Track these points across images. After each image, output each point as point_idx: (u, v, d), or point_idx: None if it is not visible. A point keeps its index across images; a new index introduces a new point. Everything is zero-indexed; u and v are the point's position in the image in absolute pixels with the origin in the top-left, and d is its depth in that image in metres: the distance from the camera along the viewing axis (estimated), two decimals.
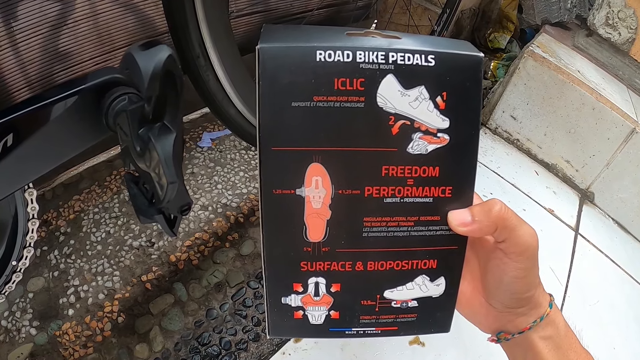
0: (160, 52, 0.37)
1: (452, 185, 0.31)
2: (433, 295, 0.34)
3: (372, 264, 0.33)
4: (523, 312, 0.35)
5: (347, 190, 0.30)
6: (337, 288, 0.33)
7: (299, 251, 0.31)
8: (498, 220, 0.31)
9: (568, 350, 0.35)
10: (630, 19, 1.41)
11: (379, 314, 0.34)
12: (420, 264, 0.33)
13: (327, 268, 0.32)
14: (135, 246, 0.90)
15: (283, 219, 0.30)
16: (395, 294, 0.34)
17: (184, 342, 0.79)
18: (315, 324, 0.34)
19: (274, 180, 0.29)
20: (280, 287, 0.33)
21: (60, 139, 0.47)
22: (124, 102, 0.43)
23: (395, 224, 0.32)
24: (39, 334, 0.77)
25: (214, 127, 1.18)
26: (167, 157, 0.38)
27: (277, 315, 0.33)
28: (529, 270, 0.33)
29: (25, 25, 0.78)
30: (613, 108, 1.24)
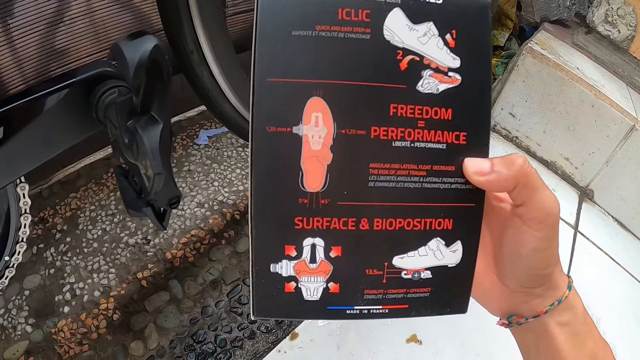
0: (146, 42, 0.37)
1: (466, 131, 0.28)
2: (449, 265, 0.30)
3: (380, 222, 0.28)
4: (539, 293, 0.31)
5: (350, 129, 0.26)
6: (338, 252, 0.28)
7: (294, 203, 0.27)
8: (520, 175, 0.27)
9: (586, 338, 0.31)
10: (630, 16, 1.41)
11: (387, 288, 0.29)
12: (434, 223, 0.29)
13: (326, 226, 0.27)
14: (131, 243, 0.90)
15: (276, 162, 0.26)
16: (406, 261, 0.29)
17: (179, 340, 0.79)
18: (310, 300, 0.28)
19: (268, 115, 0.25)
20: (270, 251, 0.27)
21: (51, 132, 0.47)
22: (114, 95, 0.43)
23: (405, 173, 0.28)
24: (34, 331, 0.77)
25: (211, 125, 1.18)
26: (154, 148, 0.37)
27: (264, 288, 0.28)
28: (549, 242, 0.29)
29: (22, 23, 0.78)
30: (612, 105, 1.23)
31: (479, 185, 0.28)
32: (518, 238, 0.29)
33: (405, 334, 0.85)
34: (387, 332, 0.85)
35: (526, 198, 0.28)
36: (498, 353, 0.86)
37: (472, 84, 0.28)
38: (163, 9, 0.67)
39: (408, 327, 0.86)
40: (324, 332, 0.83)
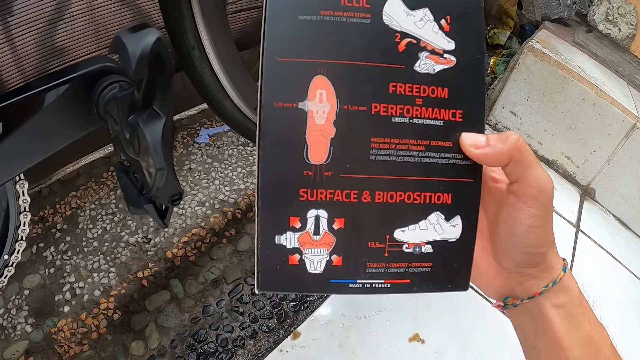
0: (148, 34, 0.36)
1: (462, 109, 0.30)
2: (449, 239, 0.31)
3: (381, 195, 0.29)
4: (534, 274, 0.32)
5: (352, 106, 0.28)
6: (341, 224, 0.29)
7: (299, 175, 0.28)
8: (514, 150, 0.29)
9: (581, 320, 0.32)
10: (631, 14, 1.41)
11: (389, 261, 0.30)
12: (433, 197, 0.30)
13: (329, 198, 0.29)
14: (132, 242, 0.90)
15: (282, 135, 0.28)
16: (407, 234, 0.30)
17: (180, 339, 0.78)
18: (313, 273, 0.29)
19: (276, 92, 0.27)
20: (275, 222, 0.28)
21: (51, 128, 0.46)
22: (115, 90, 0.43)
23: (404, 147, 0.29)
24: (34, 331, 0.76)
25: (212, 123, 1.18)
26: (156, 142, 0.37)
27: (269, 260, 0.29)
28: (544, 219, 0.30)
29: (22, 20, 0.78)
30: (614, 104, 1.23)
31: (474, 158, 0.30)
32: (513, 216, 0.30)
33: (408, 333, 0.85)
34: (390, 331, 0.84)
35: (520, 174, 0.29)
36: (500, 352, 0.86)
37: (466, 65, 0.30)
38: (164, 4, 0.67)
39: (410, 326, 0.86)
40: (326, 331, 0.82)
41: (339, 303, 0.87)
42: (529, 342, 0.34)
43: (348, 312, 0.86)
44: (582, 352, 0.31)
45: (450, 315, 0.90)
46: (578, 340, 0.31)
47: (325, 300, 0.87)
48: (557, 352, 0.31)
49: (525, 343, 0.35)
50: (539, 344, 0.32)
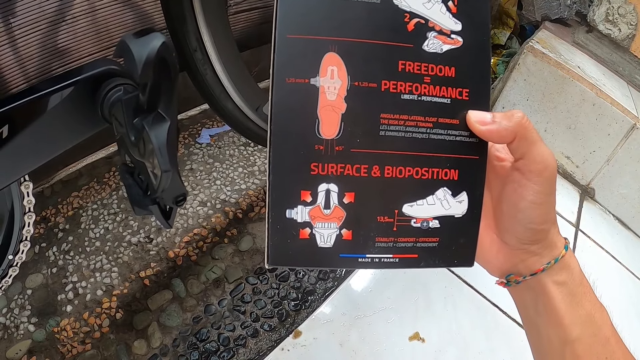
0: (154, 39, 0.37)
1: (468, 88, 0.31)
2: (456, 215, 0.32)
3: (390, 170, 0.30)
4: (536, 251, 0.32)
5: (363, 82, 0.29)
6: (351, 198, 0.30)
7: (310, 150, 0.28)
8: (519, 127, 0.29)
9: (582, 298, 0.32)
10: (631, 15, 1.41)
11: (397, 236, 0.31)
12: (441, 173, 0.31)
13: (340, 172, 0.29)
14: (134, 242, 0.90)
15: (294, 110, 0.28)
16: (415, 209, 0.31)
17: (182, 338, 0.79)
18: (323, 247, 0.30)
19: (287, 68, 0.28)
20: (286, 196, 0.29)
21: (56, 130, 0.46)
22: (120, 93, 0.43)
23: (413, 124, 0.30)
24: (37, 330, 0.76)
25: (213, 124, 1.18)
26: (162, 145, 0.37)
27: (279, 234, 0.29)
28: (547, 196, 0.30)
29: (24, 22, 0.78)
30: (613, 104, 1.23)
31: (480, 135, 0.30)
32: (517, 192, 0.31)
33: (408, 331, 0.85)
34: (390, 330, 0.85)
35: (525, 150, 0.30)
36: (500, 351, 0.86)
37: (472, 46, 0.31)
38: (166, 6, 0.67)
39: (411, 325, 0.86)
40: (327, 330, 0.83)
41: (339, 302, 0.87)
42: (530, 319, 0.34)
43: (349, 311, 0.86)
44: (582, 330, 0.32)
45: (450, 314, 0.90)
46: (579, 318, 0.32)
47: (326, 299, 0.87)
48: (557, 329, 0.32)
49: (526, 320, 0.35)
50: (540, 321, 0.33)
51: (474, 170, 0.32)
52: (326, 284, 0.90)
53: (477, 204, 0.32)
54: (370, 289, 0.91)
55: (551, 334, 0.33)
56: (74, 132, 0.47)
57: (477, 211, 0.32)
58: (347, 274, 0.92)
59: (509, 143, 0.30)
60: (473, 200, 0.32)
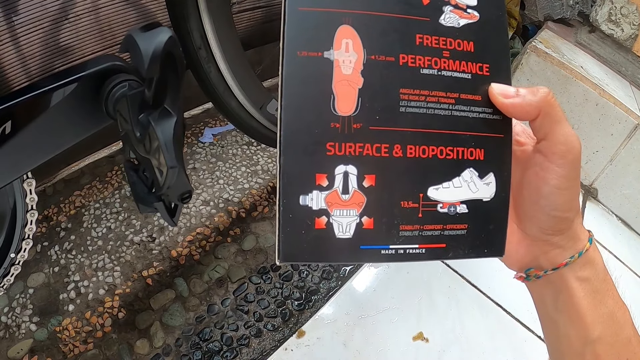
0: (160, 33, 0.36)
1: (488, 64, 0.29)
2: (484, 198, 0.29)
3: (413, 149, 0.28)
4: (559, 243, 0.30)
5: (380, 56, 0.27)
6: (371, 182, 0.27)
7: (326, 128, 0.26)
8: (543, 103, 0.28)
9: (606, 296, 0.30)
10: (633, 15, 1.41)
11: (423, 223, 0.28)
12: (466, 152, 0.29)
13: (358, 152, 0.26)
14: (136, 241, 0.90)
15: (307, 85, 0.26)
16: (441, 192, 0.28)
17: (185, 338, 0.78)
18: (342, 239, 0.27)
19: (299, 40, 0.26)
20: (300, 180, 0.26)
21: (59, 126, 0.46)
22: (124, 89, 0.43)
23: (434, 100, 0.28)
24: (39, 329, 0.76)
25: (216, 123, 1.18)
26: (168, 141, 0.37)
27: (292, 225, 0.26)
28: (571, 181, 0.29)
29: (27, 20, 0.78)
30: (616, 104, 1.23)
31: (503, 109, 0.29)
32: (540, 176, 0.29)
33: (412, 332, 0.85)
34: (394, 330, 0.84)
35: (548, 130, 0.28)
36: (503, 351, 0.86)
37: (489, 21, 0.29)
38: (171, 4, 0.67)
39: (414, 325, 0.86)
40: (331, 330, 0.82)
41: (343, 302, 0.87)
42: (549, 316, 0.33)
43: (352, 310, 0.86)
44: (603, 329, 0.30)
45: (454, 314, 0.90)
46: (601, 316, 0.30)
47: (330, 299, 0.87)
48: (577, 328, 0.30)
49: (544, 316, 0.33)
50: (560, 318, 0.31)
51: (499, 149, 0.30)
52: (330, 283, 0.90)
53: (506, 186, 0.30)
54: (374, 288, 0.90)
55: (571, 332, 0.31)
56: (78, 129, 0.46)
57: (506, 194, 0.30)
58: (351, 273, 0.92)
59: (532, 120, 0.29)
60: (501, 181, 0.30)
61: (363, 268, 0.93)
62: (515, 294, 0.94)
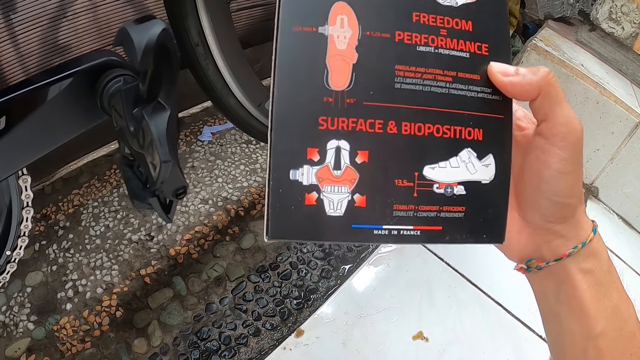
0: (154, 26, 0.36)
1: (487, 43, 0.29)
2: (482, 181, 0.28)
3: (408, 126, 0.27)
4: (562, 232, 0.29)
5: (375, 32, 0.27)
6: (364, 158, 0.26)
7: (318, 102, 0.26)
8: (544, 82, 0.27)
9: (610, 289, 0.29)
10: (634, 13, 1.40)
11: (418, 203, 0.27)
12: (464, 132, 0.28)
13: (351, 127, 0.26)
14: (135, 240, 0.89)
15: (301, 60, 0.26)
16: (438, 172, 0.28)
17: (182, 337, 0.78)
18: (333, 216, 0.26)
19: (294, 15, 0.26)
20: (290, 154, 0.25)
21: (54, 122, 0.46)
22: (119, 84, 0.43)
23: (431, 77, 0.27)
24: (36, 328, 0.76)
25: (215, 121, 1.18)
26: (161, 134, 0.37)
27: (282, 200, 0.25)
28: (573, 165, 0.28)
29: (25, 18, 0.77)
30: (617, 102, 1.22)
31: (502, 87, 0.28)
32: (541, 159, 0.28)
33: (412, 331, 0.84)
34: (393, 329, 0.84)
35: (549, 111, 0.27)
36: (504, 350, 0.85)
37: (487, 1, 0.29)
38: (168, 1, 0.66)
39: (414, 324, 0.85)
40: (330, 329, 0.82)
41: (342, 301, 0.86)
42: (551, 309, 0.32)
43: (352, 309, 0.85)
44: (607, 323, 0.29)
45: (454, 313, 0.89)
46: (604, 310, 0.29)
47: (329, 298, 0.87)
48: (580, 321, 0.29)
49: (545, 310, 0.32)
50: (562, 312, 0.30)
51: (499, 130, 0.29)
52: (329, 282, 0.89)
53: (506, 169, 0.29)
54: (374, 287, 0.90)
55: (574, 326, 0.30)
56: (73, 124, 0.46)
57: (506, 177, 0.29)
58: (350, 272, 0.91)
59: (532, 101, 0.28)
60: (501, 164, 0.29)
61: (362, 267, 0.93)
62: (516, 292, 0.94)
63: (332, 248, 0.95)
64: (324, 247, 0.94)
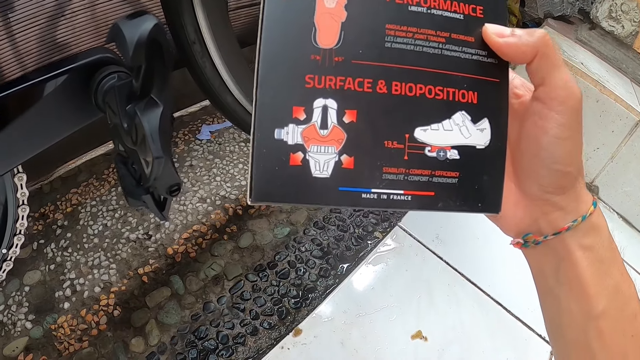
0: (146, 21, 0.36)
1: (482, 6, 0.27)
2: (477, 145, 0.27)
3: (398, 86, 0.26)
4: (561, 204, 0.28)
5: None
6: (352, 117, 0.25)
7: (305, 60, 0.25)
8: (540, 44, 0.26)
9: (611, 266, 0.28)
10: (634, 11, 1.40)
11: (409, 166, 0.26)
12: (457, 94, 0.27)
13: (339, 85, 0.25)
14: (132, 239, 0.89)
15: (287, 17, 0.25)
16: (430, 134, 0.26)
17: (180, 336, 0.77)
18: (319, 178, 0.25)
19: None
20: (275, 113, 0.24)
21: (48, 119, 0.46)
22: (113, 81, 0.42)
23: (423, 37, 0.26)
24: (34, 327, 0.76)
25: (213, 120, 1.17)
26: (153, 130, 0.36)
27: (266, 160, 0.24)
28: (572, 130, 0.26)
29: (22, 16, 0.77)
30: (617, 100, 1.22)
31: (497, 49, 0.27)
32: (539, 125, 0.27)
33: (410, 330, 0.84)
34: (392, 328, 0.84)
35: (546, 74, 0.26)
36: (504, 350, 0.85)
37: None
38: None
39: (413, 323, 0.85)
40: (328, 328, 0.81)
41: (341, 300, 0.86)
42: (549, 288, 0.30)
43: (350, 309, 0.85)
44: (608, 303, 0.28)
45: (453, 313, 0.89)
46: (605, 288, 0.28)
47: (327, 297, 0.86)
48: (580, 300, 0.28)
49: (543, 289, 0.31)
50: (560, 291, 0.29)
51: (494, 94, 0.28)
52: (327, 281, 0.89)
53: (502, 135, 0.28)
54: (372, 286, 0.90)
55: (573, 306, 0.29)
56: (68, 122, 0.46)
57: (502, 143, 0.28)
58: (349, 271, 0.91)
59: (529, 64, 0.27)
60: (496, 129, 0.28)
61: (361, 266, 0.92)
62: (516, 292, 0.93)
63: (330, 247, 0.94)
64: (323, 246, 0.94)
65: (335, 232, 0.97)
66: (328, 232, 0.97)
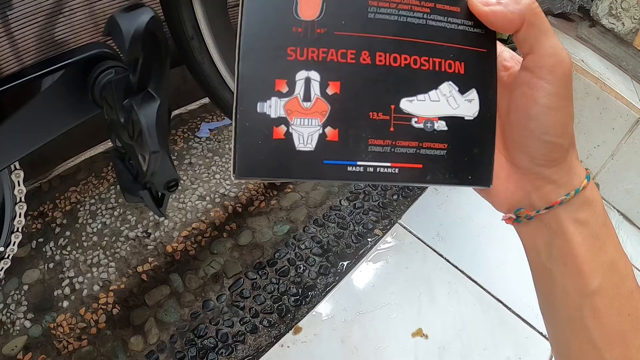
0: (142, 13, 0.35)
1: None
2: (466, 116, 0.27)
3: (383, 57, 0.25)
4: (553, 177, 0.27)
5: None
6: (336, 89, 0.25)
7: (287, 32, 0.24)
8: (528, 11, 0.25)
9: (606, 242, 0.27)
10: (634, 9, 1.39)
11: (396, 138, 0.26)
12: (444, 64, 0.26)
13: (322, 57, 0.25)
14: (132, 237, 0.89)
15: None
16: (416, 105, 0.26)
17: (179, 334, 0.77)
18: (303, 151, 0.25)
19: None
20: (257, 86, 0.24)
21: (46, 115, 0.45)
22: (110, 75, 0.42)
23: (407, 7, 0.26)
24: (33, 326, 0.75)
25: (213, 118, 1.17)
26: (150, 125, 0.36)
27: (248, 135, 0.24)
28: (563, 100, 0.26)
29: (21, 14, 0.77)
30: (618, 97, 1.21)
31: (483, 17, 0.26)
32: (528, 95, 0.26)
33: (411, 328, 0.84)
34: (393, 326, 0.83)
35: (534, 42, 0.26)
36: (504, 347, 0.84)
37: None
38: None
39: (414, 321, 0.85)
40: (328, 326, 0.81)
41: (341, 298, 0.86)
42: (542, 265, 0.29)
43: (350, 306, 0.85)
44: (603, 279, 0.27)
45: (454, 310, 0.88)
46: (600, 265, 0.27)
47: (327, 294, 0.86)
48: (574, 277, 0.27)
49: (536, 266, 0.30)
50: (554, 267, 0.28)
51: (482, 64, 0.27)
52: (327, 279, 0.89)
53: (491, 105, 0.27)
54: (373, 284, 0.89)
55: (567, 283, 0.28)
56: (65, 117, 0.46)
57: (492, 114, 0.27)
58: (349, 268, 0.91)
59: (516, 33, 0.26)
60: (485, 100, 0.27)
61: (361, 263, 0.92)
62: (516, 289, 0.93)
63: (330, 244, 0.94)
64: (323, 244, 0.94)
65: (335, 230, 0.97)
66: (328, 230, 0.96)
